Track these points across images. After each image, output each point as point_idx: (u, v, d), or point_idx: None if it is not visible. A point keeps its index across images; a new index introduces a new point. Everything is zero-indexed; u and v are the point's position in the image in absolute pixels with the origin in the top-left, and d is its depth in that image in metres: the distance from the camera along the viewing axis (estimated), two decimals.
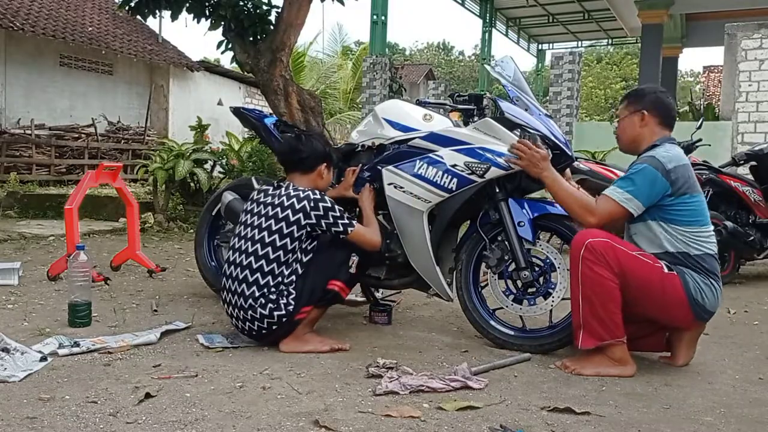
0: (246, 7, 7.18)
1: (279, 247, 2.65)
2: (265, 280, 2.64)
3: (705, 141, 5.77)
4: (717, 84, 23.01)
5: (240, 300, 2.66)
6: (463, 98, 3.04)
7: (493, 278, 2.88)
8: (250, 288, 2.64)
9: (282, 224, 2.66)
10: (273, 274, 2.64)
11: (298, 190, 2.73)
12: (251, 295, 2.63)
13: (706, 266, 2.53)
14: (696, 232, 2.55)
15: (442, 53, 44.45)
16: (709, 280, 2.53)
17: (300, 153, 2.83)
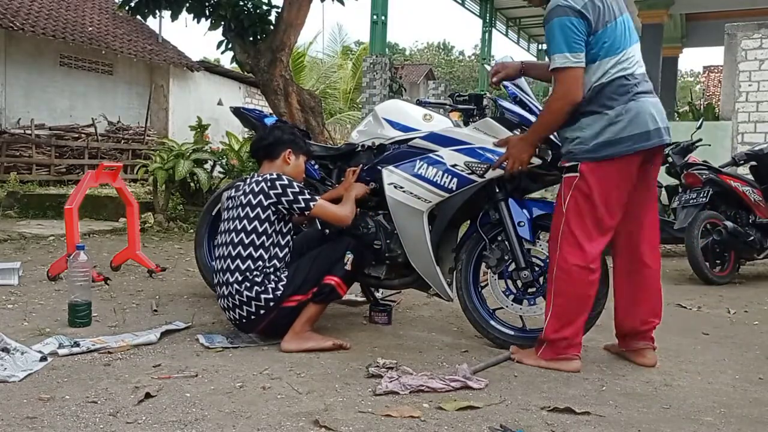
0: (246, 7, 7.18)
1: (251, 231, 2.72)
2: (246, 265, 2.70)
3: (705, 141, 5.79)
4: (717, 84, 23.02)
5: (228, 289, 2.72)
6: (463, 98, 3.04)
7: (493, 278, 2.88)
8: (234, 275, 2.70)
9: (247, 209, 2.74)
10: (252, 258, 2.70)
11: (259, 175, 2.82)
12: (236, 280, 2.70)
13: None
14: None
15: (442, 53, 44.45)
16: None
17: (263, 141, 2.95)
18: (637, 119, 2.44)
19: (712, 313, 3.83)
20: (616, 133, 2.44)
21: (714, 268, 4.87)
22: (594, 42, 2.46)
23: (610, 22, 2.47)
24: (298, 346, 2.68)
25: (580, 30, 2.42)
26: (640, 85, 2.49)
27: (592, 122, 2.48)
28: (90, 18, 14.06)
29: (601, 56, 2.47)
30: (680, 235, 5.11)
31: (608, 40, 2.47)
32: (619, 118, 2.45)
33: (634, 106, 2.45)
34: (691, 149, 5.66)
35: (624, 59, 2.48)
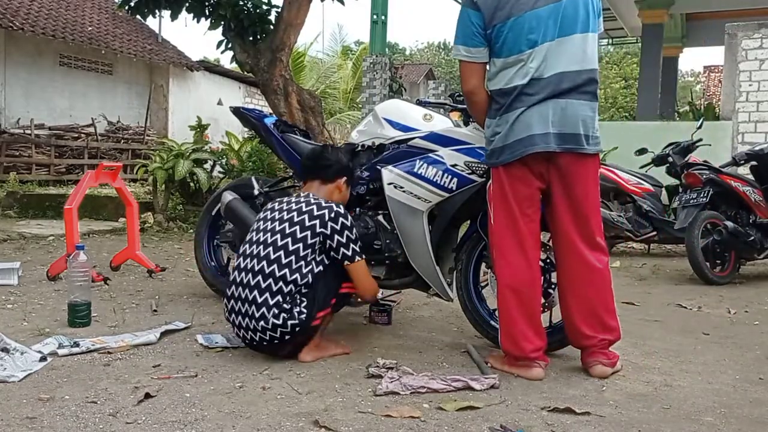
0: (246, 7, 7.18)
1: (291, 252, 2.52)
2: (278, 286, 2.49)
3: (705, 141, 5.78)
4: (717, 84, 23.03)
5: (251, 308, 2.49)
6: (463, 98, 3.03)
7: (493, 278, 2.87)
8: (263, 295, 2.48)
9: (296, 227, 2.56)
10: (285, 280, 2.49)
11: (321, 199, 2.67)
12: (264, 302, 2.47)
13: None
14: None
15: (442, 53, 44.41)
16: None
17: (326, 160, 2.81)
18: (522, 123, 2.36)
19: (712, 313, 3.83)
20: (503, 137, 2.41)
21: (714, 268, 4.87)
22: (494, 36, 2.39)
23: (518, 15, 2.34)
24: (316, 357, 2.59)
25: (474, 23, 2.40)
26: (547, 88, 2.35)
27: (488, 124, 2.49)
28: (90, 18, 14.05)
29: (499, 55, 2.40)
30: (680, 235, 5.11)
31: (509, 37, 2.36)
32: (507, 124, 2.40)
33: (523, 112, 2.36)
34: (691, 149, 5.66)
35: (525, 60, 2.35)
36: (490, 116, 2.49)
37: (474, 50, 2.43)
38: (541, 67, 2.36)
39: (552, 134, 2.37)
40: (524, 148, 2.38)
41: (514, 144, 2.40)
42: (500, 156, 2.44)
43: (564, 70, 2.36)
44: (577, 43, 2.39)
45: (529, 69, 2.37)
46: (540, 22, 2.35)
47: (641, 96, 13.26)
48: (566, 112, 2.37)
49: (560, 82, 2.37)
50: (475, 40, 2.41)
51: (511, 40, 2.37)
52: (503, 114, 2.42)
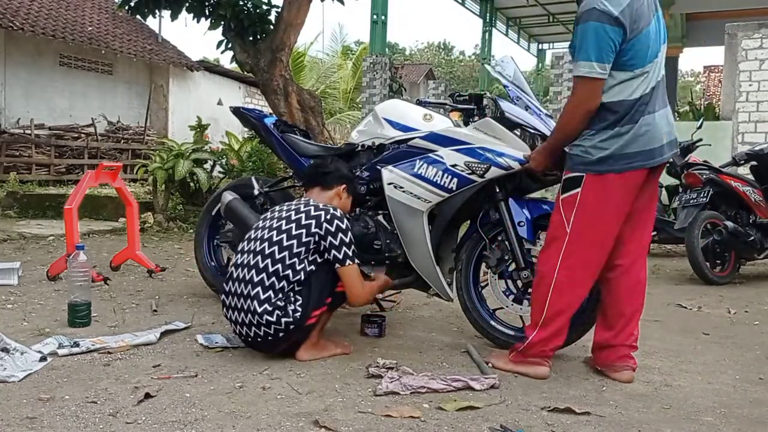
0: (246, 7, 7.18)
1: (285, 248, 2.56)
2: (271, 281, 2.52)
3: (705, 141, 5.79)
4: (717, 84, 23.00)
5: (246, 303, 2.53)
6: (463, 98, 3.04)
7: (493, 278, 2.88)
8: (255, 288, 2.52)
9: (292, 225, 2.60)
10: (278, 276, 2.53)
11: (319, 203, 2.69)
12: (256, 297, 2.51)
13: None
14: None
15: (442, 53, 44.44)
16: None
17: (324, 168, 2.85)
18: (646, 136, 2.36)
19: (712, 313, 3.83)
20: (621, 147, 2.35)
21: (714, 268, 4.87)
22: (626, 50, 2.32)
23: (645, 29, 2.32)
24: (313, 356, 2.61)
25: (614, 39, 2.27)
26: (656, 98, 2.39)
27: (601, 134, 2.38)
28: (90, 18, 14.05)
29: (628, 67, 2.34)
30: (680, 235, 5.11)
31: (639, 50, 2.33)
32: (627, 134, 2.35)
33: (645, 122, 2.35)
34: (691, 149, 5.66)
35: (649, 71, 2.36)
36: (603, 124, 2.38)
37: (607, 67, 2.32)
38: (656, 76, 2.40)
39: (665, 145, 2.41)
40: (648, 160, 2.38)
41: (633, 155, 2.36)
42: (613, 164, 2.37)
43: (662, 75, 2.43)
44: (665, 49, 2.46)
45: (651, 79, 2.38)
46: (656, 30, 2.39)
47: None
48: (670, 118, 2.44)
49: (663, 86, 2.43)
50: (608, 56, 2.30)
51: (645, 51, 2.34)
52: (627, 123, 2.36)
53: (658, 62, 2.40)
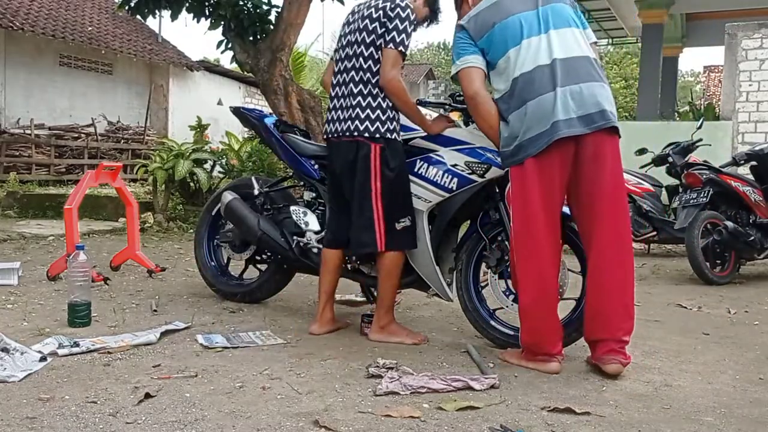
0: (246, 7, 7.18)
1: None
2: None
3: (705, 141, 5.78)
4: (717, 84, 23.02)
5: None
6: (463, 98, 3.03)
7: (493, 278, 2.87)
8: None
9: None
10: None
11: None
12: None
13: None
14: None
15: (442, 53, 44.40)
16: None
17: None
18: (542, 115, 2.41)
19: (712, 313, 3.83)
20: (520, 137, 2.45)
21: (714, 268, 4.87)
22: (486, 47, 2.56)
23: (497, 23, 2.54)
24: (385, 339, 2.85)
25: (463, 39, 2.59)
26: (548, 78, 2.44)
27: (505, 128, 2.53)
28: (90, 18, 14.06)
29: (498, 59, 2.54)
30: (680, 235, 5.11)
31: (496, 41, 2.54)
32: (524, 117, 2.45)
33: (537, 102, 2.42)
34: (691, 149, 5.66)
35: (520, 54, 2.48)
36: (503, 121, 2.55)
37: (466, 58, 2.57)
38: (529, 63, 2.47)
39: (574, 119, 2.41)
40: (546, 138, 2.40)
41: (529, 141, 2.43)
42: (520, 153, 2.47)
43: (549, 60, 2.47)
44: (551, 37, 2.52)
45: (518, 68, 2.49)
46: (511, 28, 2.53)
47: (641, 96, 13.25)
48: (577, 96, 2.43)
49: (554, 71, 2.46)
50: (465, 51, 2.58)
51: (497, 47, 2.55)
52: (512, 113, 2.49)
53: (535, 45, 2.48)
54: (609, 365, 2.46)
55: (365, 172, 2.79)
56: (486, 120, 2.59)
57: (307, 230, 3.23)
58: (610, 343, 2.48)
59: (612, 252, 2.48)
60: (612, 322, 2.48)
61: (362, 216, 2.81)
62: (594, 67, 2.51)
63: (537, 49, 2.48)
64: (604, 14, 18.05)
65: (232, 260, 3.65)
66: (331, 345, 2.80)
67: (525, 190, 2.47)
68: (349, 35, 2.90)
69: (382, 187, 2.78)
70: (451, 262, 3.01)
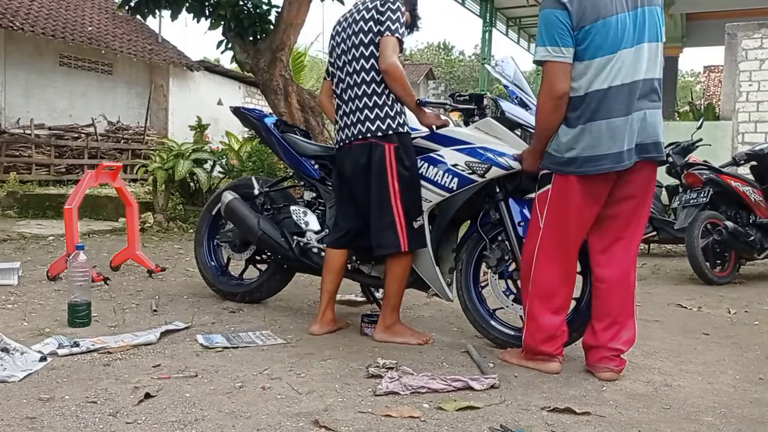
0: (246, 7, 7.18)
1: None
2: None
3: (705, 141, 5.79)
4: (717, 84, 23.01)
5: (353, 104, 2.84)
6: (463, 98, 3.03)
7: (493, 278, 2.87)
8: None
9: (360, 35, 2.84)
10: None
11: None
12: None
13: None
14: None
15: (442, 53, 44.43)
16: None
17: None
18: (611, 138, 2.31)
19: (712, 313, 3.83)
20: (587, 148, 2.34)
21: (714, 268, 4.87)
22: (581, 39, 2.30)
23: (601, 19, 2.28)
24: (390, 339, 2.86)
25: (563, 22, 2.29)
26: (629, 98, 2.31)
27: (566, 133, 2.38)
28: (90, 18, 14.05)
29: (587, 58, 2.31)
30: (680, 235, 5.11)
31: (594, 40, 2.29)
32: (590, 133, 2.33)
33: (610, 123, 2.31)
34: (691, 149, 5.66)
35: (609, 64, 2.30)
36: (567, 122, 2.39)
37: (562, 49, 2.30)
38: (626, 75, 2.32)
39: (631, 150, 2.34)
40: (612, 164, 2.33)
41: (587, 159, 2.34)
42: (571, 166, 2.37)
43: (638, 78, 2.33)
44: (648, 50, 2.36)
45: (616, 75, 2.31)
46: (626, 26, 2.31)
47: None
48: (642, 123, 2.35)
49: (635, 90, 2.33)
50: (561, 39, 2.30)
51: (602, 42, 2.29)
52: (587, 122, 2.34)
53: (627, 58, 2.31)
54: (601, 373, 2.47)
55: (382, 174, 2.79)
56: (554, 126, 2.41)
57: (307, 230, 3.23)
58: (602, 351, 2.48)
59: (620, 272, 2.48)
60: (611, 331, 2.48)
61: (383, 218, 2.81)
62: (660, 89, 2.41)
63: (626, 64, 2.31)
64: None
65: (232, 260, 3.65)
66: (331, 345, 2.80)
67: (567, 200, 2.41)
68: (342, 44, 2.92)
69: (400, 187, 2.80)
70: (451, 262, 3.01)
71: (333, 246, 2.99)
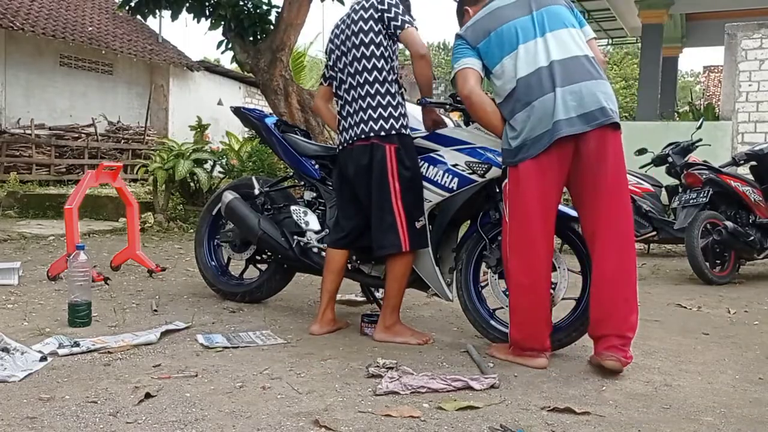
0: (246, 7, 7.18)
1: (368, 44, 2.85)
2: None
3: (705, 141, 5.79)
4: (717, 84, 23.02)
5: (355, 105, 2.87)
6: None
7: (493, 278, 2.88)
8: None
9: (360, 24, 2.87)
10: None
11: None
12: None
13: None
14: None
15: (442, 53, 44.40)
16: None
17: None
18: (545, 115, 2.43)
19: (712, 313, 3.83)
20: (529, 132, 2.46)
21: (714, 268, 4.87)
22: (483, 53, 2.62)
23: (492, 32, 2.59)
24: (389, 339, 2.86)
25: (461, 46, 2.66)
26: (549, 78, 2.46)
27: (508, 127, 2.55)
28: (90, 18, 14.06)
29: (496, 61, 2.58)
30: (680, 235, 5.11)
31: (493, 48, 2.59)
32: (527, 119, 2.47)
33: (541, 102, 2.45)
34: (691, 149, 5.66)
35: (519, 58, 2.51)
36: (507, 120, 2.58)
37: (460, 61, 2.63)
38: (528, 66, 2.51)
39: (574, 117, 2.43)
40: (551, 136, 2.42)
41: (544, 134, 2.44)
42: (520, 154, 2.49)
43: (546, 62, 2.50)
44: (561, 37, 2.56)
45: (522, 66, 2.52)
46: (510, 34, 2.57)
47: (641, 96, 13.25)
48: (577, 94, 2.45)
49: (552, 72, 2.48)
50: (459, 57, 2.65)
51: (493, 55, 2.60)
52: (515, 117, 2.52)
53: (532, 49, 2.52)
54: (607, 360, 2.47)
55: (383, 174, 2.80)
56: (483, 116, 2.64)
57: (307, 230, 3.23)
58: (612, 339, 2.49)
59: (614, 245, 2.50)
60: (614, 316, 2.49)
61: (384, 218, 2.82)
62: (593, 64, 2.53)
63: (534, 53, 2.51)
64: (603, 14, 18.05)
65: (233, 260, 3.65)
66: (331, 345, 2.80)
67: (522, 189, 2.50)
68: (342, 46, 2.94)
69: (401, 187, 2.80)
70: (451, 262, 3.01)
71: (334, 246, 3.00)
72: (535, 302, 2.54)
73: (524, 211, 2.51)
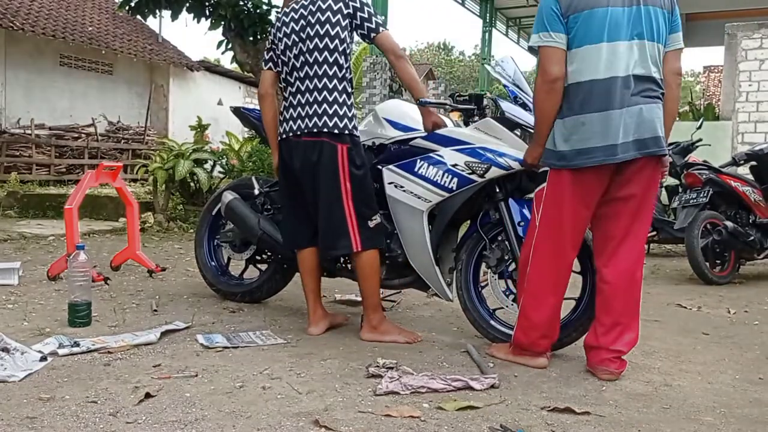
0: (246, 7, 7.19)
1: (333, 36, 2.79)
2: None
3: (705, 141, 5.79)
4: (717, 84, 23.00)
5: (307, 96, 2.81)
6: (463, 98, 3.04)
7: (493, 278, 2.88)
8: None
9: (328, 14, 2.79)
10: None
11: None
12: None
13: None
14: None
15: (442, 53, 44.48)
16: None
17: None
18: (604, 130, 2.31)
19: (712, 313, 3.83)
20: (581, 140, 2.34)
21: (714, 268, 4.87)
22: (570, 27, 2.34)
23: (588, 9, 2.32)
24: (377, 338, 2.84)
25: (553, 10, 2.36)
26: (625, 91, 2.32)
27: (560, 125, 2.41)
28: (90, 18, 14.06)
29: (573, 46, 2.35)
30: (680, 235, 5.11)
31: (580, 29, 2.33)
32: (574, 129, 2.35)
33: (605, 115, 2.31)
34: (691, 149, 5.66)
35: (598, 56, 2.32)
36: (563, 115, 2.40)
37: (551, 35, 2.35)
38: (612, 69, 2.32)
39: (629, 143, 2.33)
40: (604, 157, 2.32)
41: (580, 152, 2.34)
42: (563, 160, 2.39)
43: (628, 73, 2.34)
44: (640, 48, 2.36)
45: (605, 68, 2.32)
46: (614, 19, 2.32)
47: None
48: (637, 118, 2.33)
49: (628, 86, 2.33)
50: (551, 25, 2.35)
51: (585, 33, 2.33)
52: (572, 116, 2.37)
53: (616, 51, 2.32)
54: (601, 375, 2.46)
55: (333, 174, 2.77)
56: (551, 113, 2.42)
57: None
58: (603, 352, 2.47)
59: (625, 272, 2.46)
60: (612, 333, 2.47)
61: (332, 218, 2.80)
62: (660, 86, 2.40)
63: (615, 58, 2.32)
64: None
65: (233, 260, 3.65)
66: (331, 345, 2.80)
67: (560, 197, 2.42)
68: (300, 32, 2.83)
69: (352, 186, 2.79)
70: (451, 262, 3.01)
71: (288, 248, 2.99)
72: (551, 309, 2.50)
73: (559, 219, 2.43)
